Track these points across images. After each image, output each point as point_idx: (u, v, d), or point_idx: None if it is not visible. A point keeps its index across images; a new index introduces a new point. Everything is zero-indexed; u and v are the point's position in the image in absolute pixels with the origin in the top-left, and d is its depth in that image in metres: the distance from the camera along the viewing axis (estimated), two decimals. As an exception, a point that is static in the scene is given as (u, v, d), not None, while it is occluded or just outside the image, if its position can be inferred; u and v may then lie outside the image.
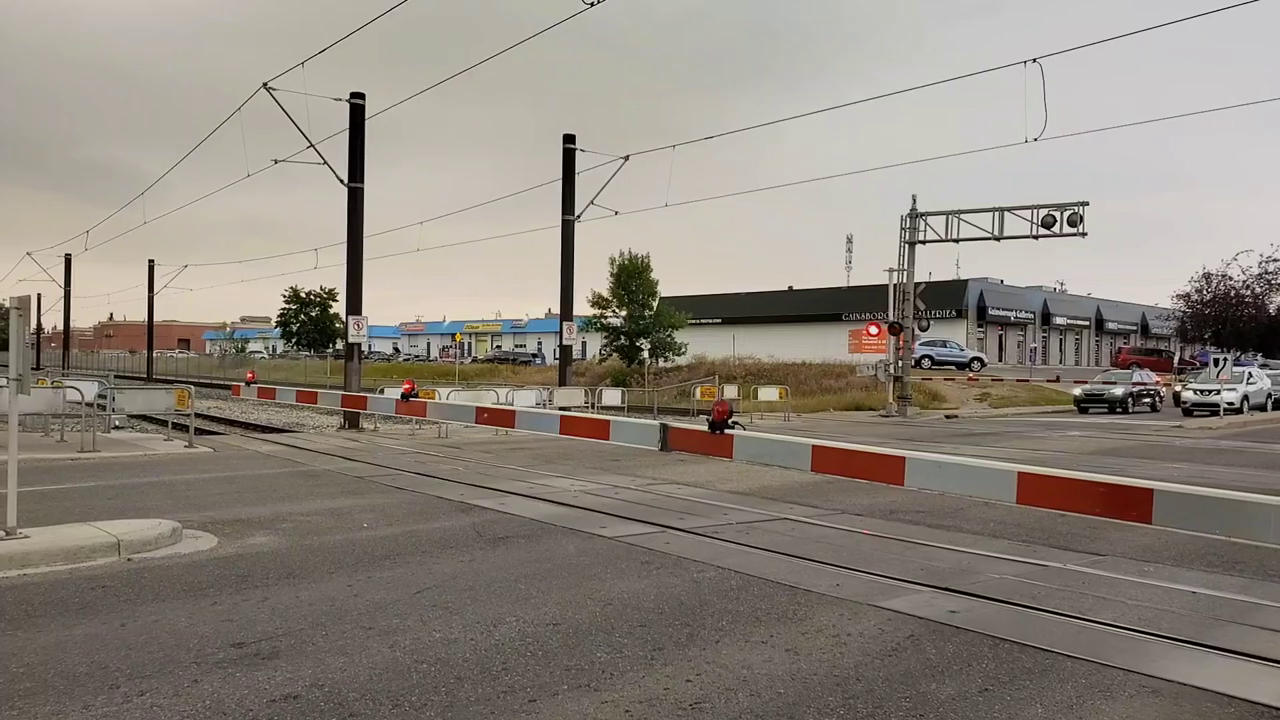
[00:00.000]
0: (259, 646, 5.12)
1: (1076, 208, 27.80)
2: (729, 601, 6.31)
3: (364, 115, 22.69)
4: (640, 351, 48.16)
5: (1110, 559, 8.05)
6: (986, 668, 5.03)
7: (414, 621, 5.66)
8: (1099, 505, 5.09)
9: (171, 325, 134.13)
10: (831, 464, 6.87)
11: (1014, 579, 7.18)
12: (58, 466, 13.30)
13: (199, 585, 6.50)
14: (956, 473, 6.05)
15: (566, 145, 26.90)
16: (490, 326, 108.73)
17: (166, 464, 14.10)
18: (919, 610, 6.15)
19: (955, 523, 9.76)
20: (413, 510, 9.96)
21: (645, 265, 48.64)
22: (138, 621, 5.58)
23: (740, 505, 10.65)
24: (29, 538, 7.26)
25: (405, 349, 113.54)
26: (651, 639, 5.41)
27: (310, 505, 10.19)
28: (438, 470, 13.60)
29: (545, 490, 11.53)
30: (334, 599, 6.18)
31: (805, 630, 5.67)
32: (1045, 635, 5.62)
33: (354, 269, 22.75)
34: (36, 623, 5.54)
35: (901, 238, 32.01)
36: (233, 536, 8.29)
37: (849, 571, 7.29)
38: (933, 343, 51.83)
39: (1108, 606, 6.37)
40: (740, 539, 8.58)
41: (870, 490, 10.61)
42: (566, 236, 26.81)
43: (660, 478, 12.89)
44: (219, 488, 11.55)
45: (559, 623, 5.70)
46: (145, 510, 9.34)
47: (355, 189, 22.57)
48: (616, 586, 6.66)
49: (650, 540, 8.41)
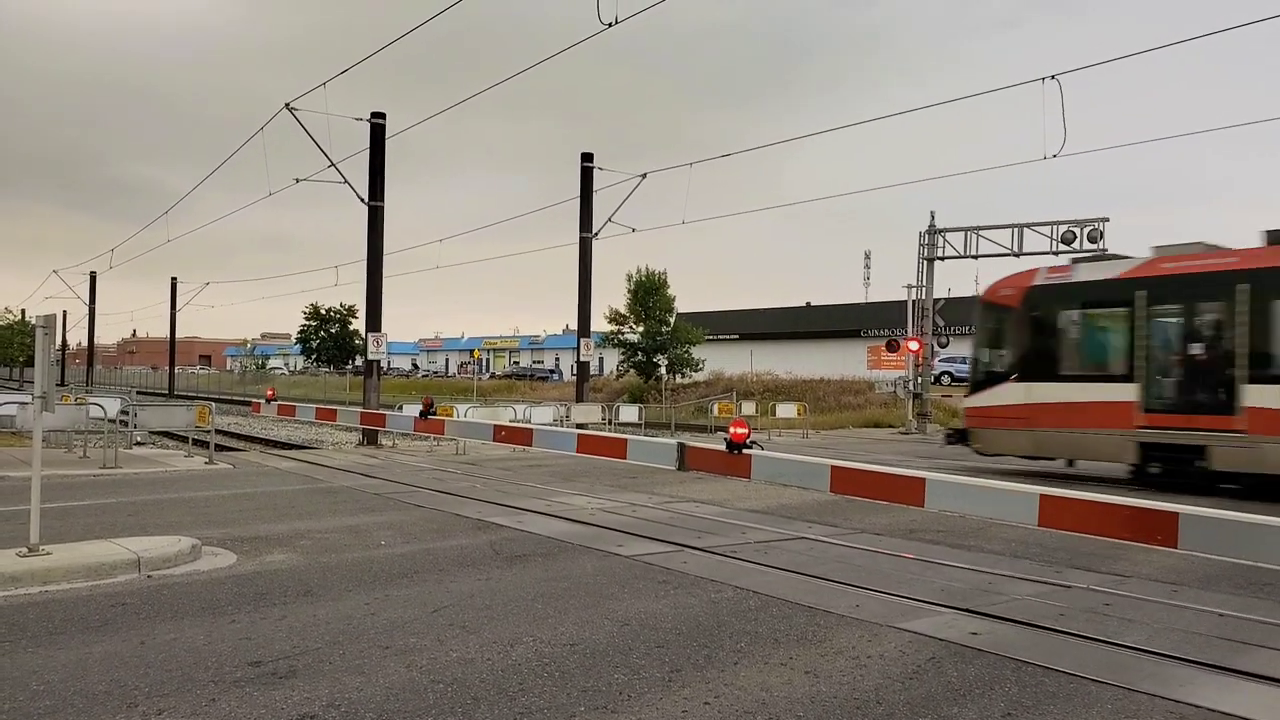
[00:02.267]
0: (276, 665, 5.12)
1: (1097, 223, 27.59)
2: (747, 622, 6.26)
3: (384, 134, 22.88)
4: (657, 367, 48.17)
5: (1135, 580, 7.94)
6: (1009, 691, 4.96)
7: (431, 641, 5.65)
8: (1123, 529, 5.02)
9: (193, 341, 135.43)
10: (851, 485, 6.82)
11: (1036, 600, 7.10)
12: (80, 482, 13.41)
13: (217, 603, 6.52)
14: (977, 494, 5.98)
15: (585, 163, 27.02)
16: (508, 343, 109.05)
17: (187, 480, 14.18)
18: (940, 632, 6.09)
19: (976, 542, 9.66)
20: (430, 528, 9.97)
21: (662, 281, 48.74)
22: (157, 639, 5.60)
23: (758, 524, 10.59)
24: (51, 554, 7.31)
25: (424, 365, 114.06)
26: (669, 660, 5.37)
27: (328, 522, 10.21)
28: (455, 487, 13.61)
29: (563, 508, 11.51)
30: (351, 617, 6.18)
31: (825, 652, 5.62)
32: (1070, 658, 5.54)
33: (374, 286, 22.89)
34: (57, 640, 5.56)
35: (920, 254, 31.89)
36: (251, 554, 8.31)
37: (869, 592, 7.23)
38: (953, 359, 51.54)
39: (1133, 629, 6.28)
40: (758, 558, 8.52)
41: (889, 509, 10.51)
42: (584, 253, 26.88)
43: (678, 495, 12.85)
44: (238, 504, 11.60)
45: (576, 643, 5.68)
46: (165, 527, 9.39)
47: (375, 207, 22.74)
48: (634, 606, 6.63)
49: (668, 559, 8.37)
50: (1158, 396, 15.63)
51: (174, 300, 65.26)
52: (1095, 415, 16.03)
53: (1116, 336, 16.40)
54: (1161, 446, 15.38)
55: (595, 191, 27.07)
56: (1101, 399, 16.05)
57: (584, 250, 26.88)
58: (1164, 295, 15.74)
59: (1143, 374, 15.68)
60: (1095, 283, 16.74)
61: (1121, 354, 16.14)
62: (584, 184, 26.97)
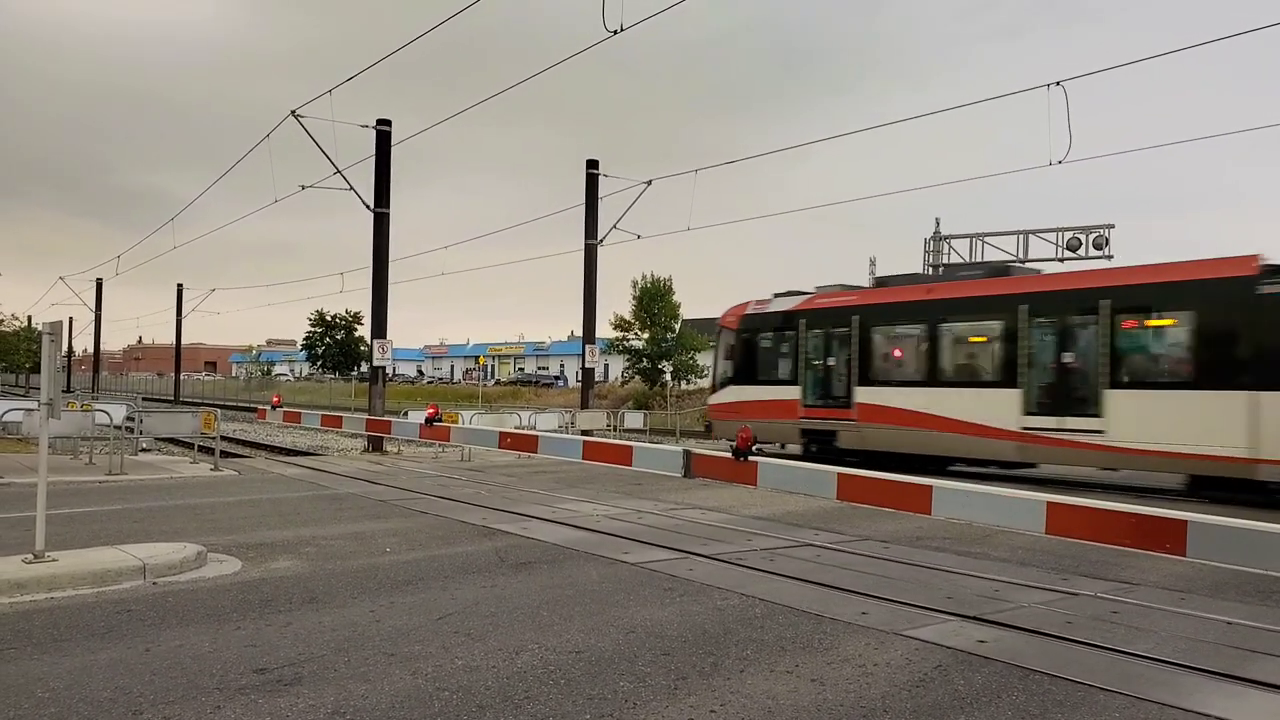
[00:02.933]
0: (281, 672, 5.12)
1: (1102, 230, 27.49)
2: (753, 630, 6.24)
3: (390, 142, 22.94)
4: (662, 374, 48.12)
5: (1142, 587, 7.90)
6: (1017, 700, 4.93)
7: (436, 648, 5.64)
8: (1131, 537, 5.00)
9: (199, 348, 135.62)
10: (858, 492, 6.81)
11: (1043, 607, 7.06)
12: (86, 489, 13.43)
13: (223, 610, 6.52)
14: (984, 502, 5.97)
15: (590, 170, 27.05)
16: (513, 349, 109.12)
17: (192, 487, 14.20)
18: (947, 640, 6.06)
19: (983, 549, 9.63)
20: (435, 534, 9.96)
21: (667, 288, 48.75)
22: (162, 646, 5.60)
23: (764, 531, 10.57)
24: (57, 561, 7.32)
25: (429, 372, 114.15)
26: (675, 668, 5.36)
27: (334, 529, 10.21)
28: (460, 494, 13.61)
29: (568, 515, 11.50)
30: (356, 624, 6.17)
31: (831, 660, 5.59)
32: (1077, 666, 5.51)
33: (379, 293, 22.93)
34: (62, 647, 5.56)
35: (925, 260, 31.82)
36: (257, 560, 8.31)
37: (875, 599, 7.20)
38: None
39: (1141, 637, 6.24)
40: (764, 565, 8.50)
41: (895, 516, 10.49)
42: (589, 260, 26.90)
43: (683, 502, 12.83)
44: (243, 511, 11.61)
45: (581, 650, 5.66)
46: (171, 533, 9.41)
47: (381, 214, 22.79)
48: (639, 614, 6.61)
49: (673, 566, 8.35)
50: (810, 396, 21.03)
51: (180, 307, 65.53)
52: (777, 410, 21.40)
53: (788, 352, 21.65)
54: (813, 432, 20.76)
55: (601, 198, 27.10)
56: (781, 398, 21.49)
57: (589, 257, 26.90)
58: (813, 323, 21.16)
59: (803, 380, 21.13)
60: (777, 313, 22.11)
61: (790, 365, 21.51)
62: (589, 190, 26.99)
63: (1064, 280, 18.10)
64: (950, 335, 18.98)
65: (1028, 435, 17.07)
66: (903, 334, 19.73)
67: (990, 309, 18.23)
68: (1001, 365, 17.79)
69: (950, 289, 19.45)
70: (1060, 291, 17.48)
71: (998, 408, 17.46)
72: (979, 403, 17.84)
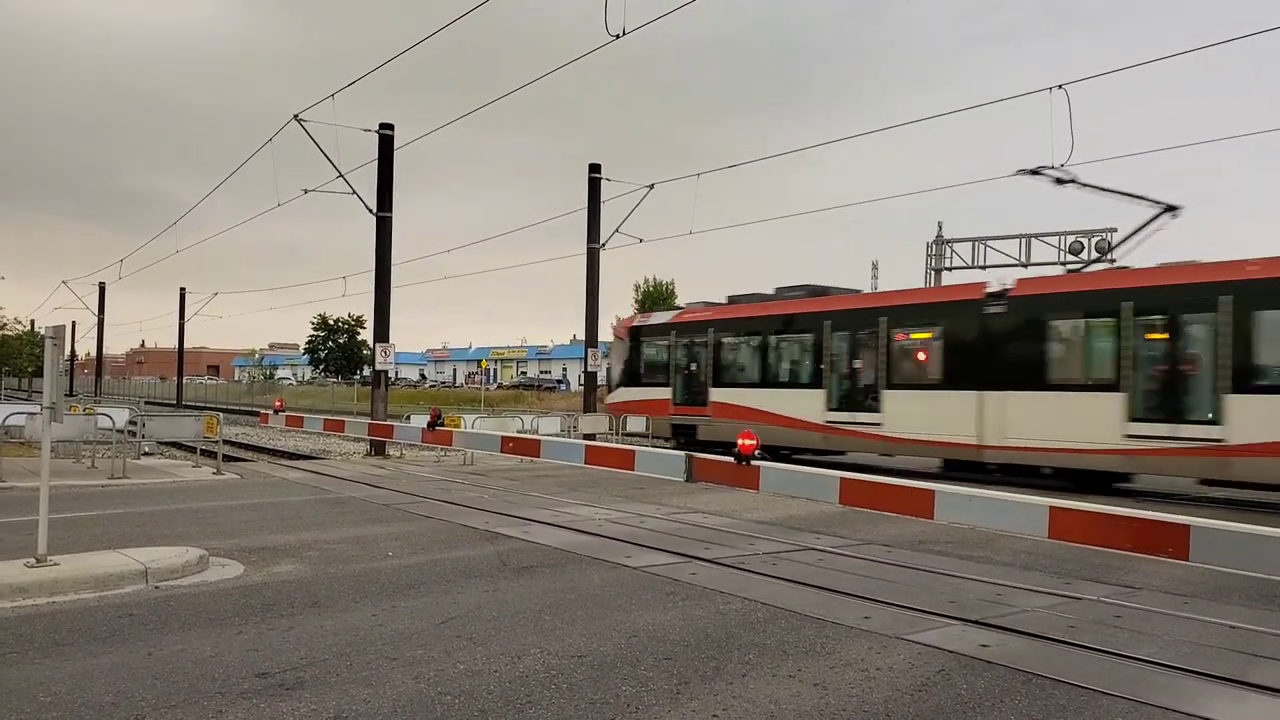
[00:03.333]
0: (283, 677, 5.12)
1: (1105, 234, 27.53)
2: (755, 634, 6.23)
3: (393, 146, 22.95)
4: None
5: (1145, 592, 7.88)
6: (1020, 704, 4.93)
7: (438, 652, 5.64)
8: (1134, 541, 4.99)
9: (201, 352, 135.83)
10: (860, 497, 6.81)
11: (1046, 611, 7.05)
12: (88, 493, 13.45)
13: (225, 614, 6.52)
14: (987, 506, 5.96)
15: (592, 174, 27.05)
16: (516, 353, 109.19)
17: (194, 491, 14.21)
18: (949, 644, 6.05)
19: (985, 553, 9.62)
20: (437, 538, 9.96)
21: (670, 291, 48.87)
22: (164, 650, 5.60)
23: (766, 535, 10.56)
24: (59, 565, 7.32)
25: (431, 375, 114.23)
26: (677, 672, 5.35)
27: (336, 533, 10.21)
28: (463, 498, 13.61)
29: (570, 518, 11.50)
30: (359, 629, 6.17)
31: (833, 664, 5.59)
32: (1080, 671, 5.50)
33: (382, 297, 22.93)
34: (64, 651, 5.57)
35: (928, 264, 31.85)
36: (259, 564, 8.31)
37: (877, 603, 7.19)
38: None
39: (1144, 641, 6.23)
40: (766, 570, 8.49)
41: (897, 521, 10.47)
42: (591, 264, 26.89)
43: (685, 506, 12.82)
44: (246, 515, 11.62)
45: (584, 655, 5.66)
46: (173, 537, 9.41)
47: (384, 218, 22.80)
48: (641, 618, 6.61)
49: (675, 571, 8.35)
50: (678, 396, 24.85)
51: (182, 310, 65.55)
52: (655, 407, 25.18)
53: (664, 359, 25.57)
54: (680, 426, 24.48)
55: (603, 202, 27.10)
56: (658, 397, 25.28)
57: (592, 260, 26.90)
58: (681, 334, 25.06)
59: (673, 383, 24.98)
60: (656, 325, 26.50)
61: (664, 369, 25.39)
62: (591, 194, 26.99)
63: (858, 300, 21.76)
64: (775, 346, 22.82)
65: (829, 428, 20.84)
66: (743, 344, 23.63)
67: (803, 325, 22.03)
68: (812, 371, 21.61)
69: (778, 307, 23.13)
70: (853, 310, 21.09)
71: (809, 405, 21.25)
72: (796, 401, 21.66)
